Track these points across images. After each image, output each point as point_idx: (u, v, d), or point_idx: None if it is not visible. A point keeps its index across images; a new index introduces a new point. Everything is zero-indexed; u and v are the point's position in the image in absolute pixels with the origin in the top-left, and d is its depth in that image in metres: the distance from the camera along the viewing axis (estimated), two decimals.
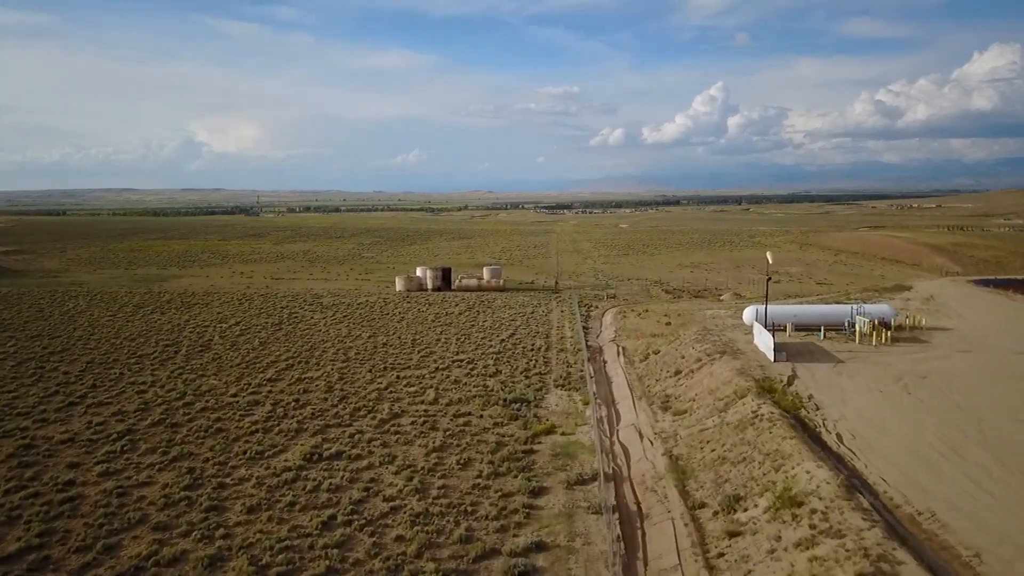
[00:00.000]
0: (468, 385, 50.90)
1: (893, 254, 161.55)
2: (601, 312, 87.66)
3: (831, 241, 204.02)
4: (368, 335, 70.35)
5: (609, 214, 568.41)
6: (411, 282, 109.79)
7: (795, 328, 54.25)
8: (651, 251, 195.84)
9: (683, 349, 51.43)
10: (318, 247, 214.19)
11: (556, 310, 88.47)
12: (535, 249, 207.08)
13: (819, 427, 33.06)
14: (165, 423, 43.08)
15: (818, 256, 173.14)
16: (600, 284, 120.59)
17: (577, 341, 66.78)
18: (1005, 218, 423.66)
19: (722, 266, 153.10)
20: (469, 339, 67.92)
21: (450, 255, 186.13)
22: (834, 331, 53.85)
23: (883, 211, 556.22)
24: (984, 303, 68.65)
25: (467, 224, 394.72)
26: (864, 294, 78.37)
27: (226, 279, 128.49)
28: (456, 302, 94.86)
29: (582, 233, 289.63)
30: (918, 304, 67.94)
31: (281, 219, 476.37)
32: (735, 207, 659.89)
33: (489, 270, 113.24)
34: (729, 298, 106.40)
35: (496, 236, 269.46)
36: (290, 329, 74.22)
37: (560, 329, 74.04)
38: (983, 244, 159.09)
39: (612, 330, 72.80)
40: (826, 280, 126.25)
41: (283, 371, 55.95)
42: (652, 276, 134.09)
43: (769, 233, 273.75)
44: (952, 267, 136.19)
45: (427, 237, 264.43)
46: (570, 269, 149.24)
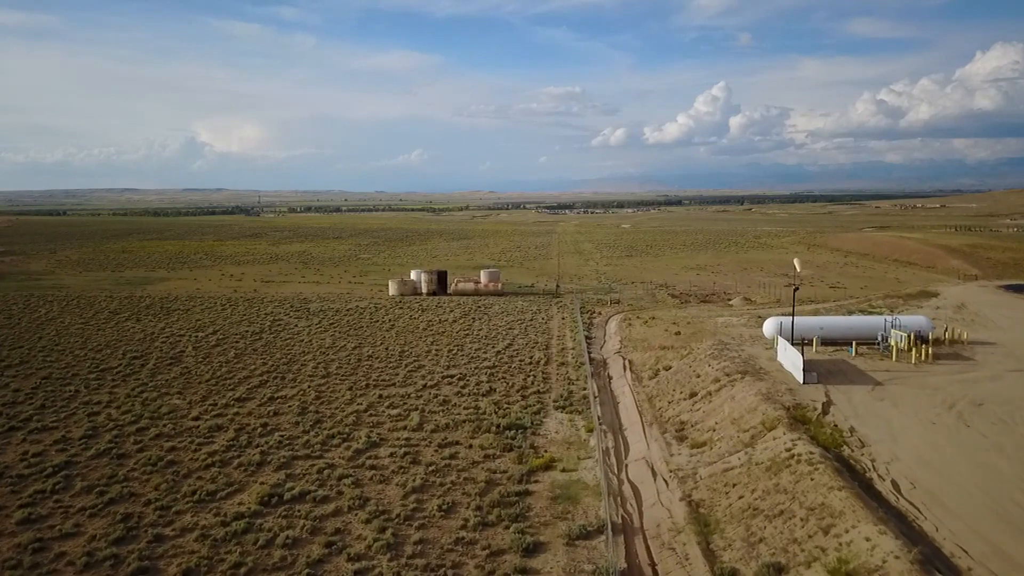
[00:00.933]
0: (458, 407, 45.60)
1: (905, 256, 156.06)
2: (604, 319, 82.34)
3: (839, 242, 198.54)
4: (353, 346, 65.07)
5: (611, 214, 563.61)
6: (405, 286, 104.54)
7: (821, 342, 49.00)
8: (655, 252, 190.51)
9: (698, 366, 46.16)
10: (314, 248, 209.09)
11: (557, 316, 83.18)
12: (536, 250, 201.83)
13: (869, 471, 27.79)
14: (111, 454, 37.83)
15: (827, 258, 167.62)
16: (603, 288, 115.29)
17: (579, 353, 61.48)
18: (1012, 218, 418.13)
19: (729, 268, 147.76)
20: (462, 351, 62.62)
21: (449, 256, 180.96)
22: (865, 346, 48.57)
23: (887, 211, 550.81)
24: (1022, 312, 63.33)
25: (468, 224, 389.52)
26: (888, 301, 73.07)
27: (214, 282, 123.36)
28: (451, 308, 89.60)
29: (584, 234, 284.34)
30: (950, 313, 62.60)
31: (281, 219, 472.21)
32: (737, 207, 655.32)
33: (487, 273, 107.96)
34: (739, 303, 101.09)
35: (497, 237, 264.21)
36: (271, 339, 68.97)
37: (561, 339, 68.76)
38: (999, 245, 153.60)
39: (617, 340, 67.51)
40: (839, 283, 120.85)
41: (255, 389, 50.67)
42: (657, 279, 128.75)
43: (774, 234, 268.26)
44: (969, 269, 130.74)
45: (426, 238, 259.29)
46: (572, 271, 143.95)
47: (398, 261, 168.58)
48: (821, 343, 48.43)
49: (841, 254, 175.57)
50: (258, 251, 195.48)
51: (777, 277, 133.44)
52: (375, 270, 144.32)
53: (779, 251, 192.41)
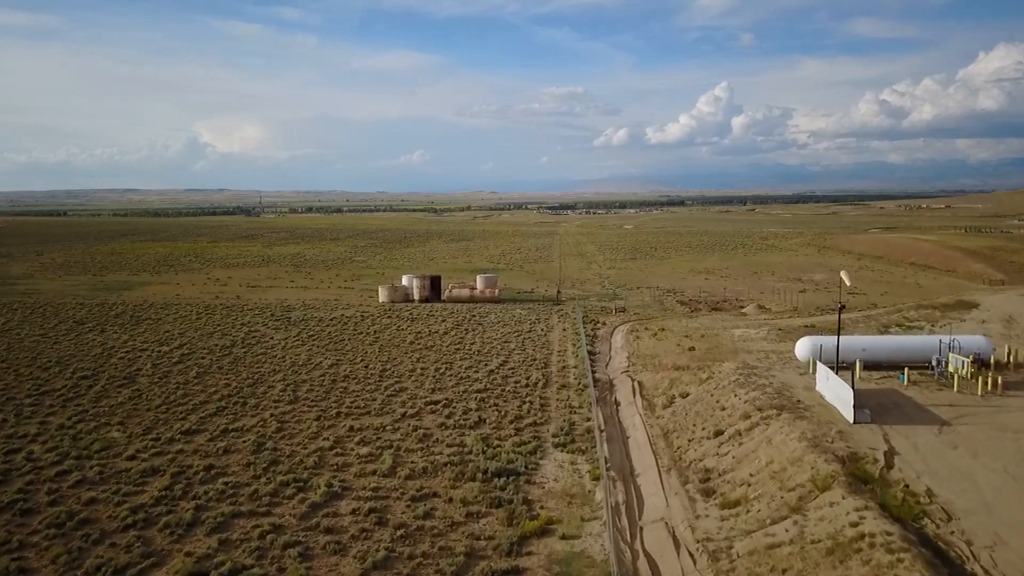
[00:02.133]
0: (440, 443, 38.90)
1: (922, 259, 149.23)
2: (610, 330, 75.62)
3: (851, 244, 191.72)
4: (330, 363, 58.36)
5: (613, 215, 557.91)
6: (396, 292, 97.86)
7: (864, 366, 42.24)
8: (660, 255, 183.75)
9: (721, 395, 39.46)
10: (309, 250, 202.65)
11: (558, 327, 76.46)
12: (536, 252, 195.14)
13: (968, 561, 21.12)
14: (14, 508, 31.18)
15: (840, 261, 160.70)
16: (607, 294, 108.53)
17: (582, 373, 54.74)
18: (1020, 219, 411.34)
19: (738, 272, 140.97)
20: (451, 370, 55.89)
21: (447, 259, 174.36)
22: (917, 371, 41.65)
23: (892, 212, 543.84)
24: None
25: (469, 225, 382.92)
26: (922, 312, 66.26)
27: (197, 287, 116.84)
28: (443, 317, 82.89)
29: (586, 235, 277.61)
30: (999, 328, 55.82)
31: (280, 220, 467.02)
32: (740, 208, 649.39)
33: (483, 279, 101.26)
34: (753, 311, 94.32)
35: (497, 238, 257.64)
36: (240, 354, 62.28)
37: (562, 354, 62.02)
38: (1022, 248, 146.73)
39: (624, 356, 60.79)
40: (857, 289, 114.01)
41: (209, 418, 43.99)
42: (663, 284, 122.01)
43: (782, 235, 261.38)
44: (994, 274, 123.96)
45: (425, 239, 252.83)
46: (573, 275, 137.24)
47: (394, 264, 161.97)
48: (863, 367, 41.68)
49: (854, 256, 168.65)
50: (251, 253, 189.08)
51: (790, 282, 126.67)
52: (368, 274, 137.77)
53: (789, 253, 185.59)
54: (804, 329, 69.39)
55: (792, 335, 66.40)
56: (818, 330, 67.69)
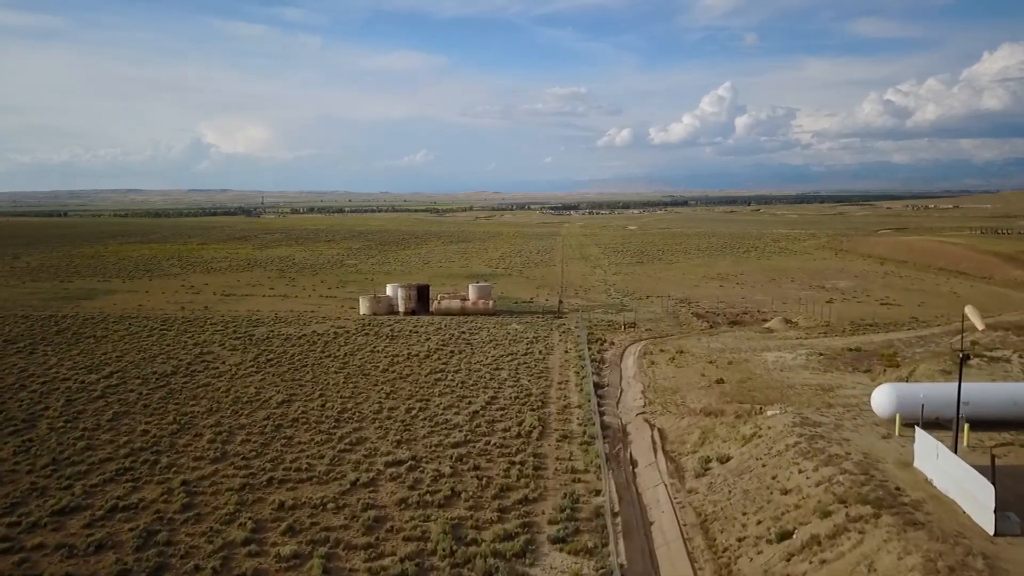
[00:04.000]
0: (395, 534, 28.49)
1: (952, 264, 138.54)
2: (619, 351, 65.18)
3: (870, 247, 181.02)
4: (282, 399, 47.96)
5: (616, 215, 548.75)
6: (378, 303, 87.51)
7: (968, 423, 31.41)
8: (668, 258, 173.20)
9: (778, 467, 28.98)
10: (300, 253, 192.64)
11: (559, 347, 66.04)
12: (538, 255, 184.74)
13: None
14: None
15: (863, 266, 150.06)
16: (614, 304, 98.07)
17: (588, 415, 44.30)
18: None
19: (754, 278, 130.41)
20: (426, 410, 45.47)
21: (442, 263, 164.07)
22: None
23: (900, 212, 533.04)
24: None
25: (470, 226, 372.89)
26: (994, 336, 55.57)
27: (167, 295, 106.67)
28: (428, 334, 72.52)
29: (589, 236, 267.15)
30: None
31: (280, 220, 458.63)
32: (744, 208, 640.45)
33: (476, 288, 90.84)
34: (779, 326, 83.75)
35: (497, 240, 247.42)
36: (178, 386, 51.95)
37: (563, 386, 51.57)
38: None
39: (638, 389, 50.36)
40: (889, 299, 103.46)
41: (101, 486, 33.63)
42: (675, 292, 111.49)
43: (793, 237, 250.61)
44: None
45: (423, 240, 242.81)
46: (577, 282, 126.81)
47: (385, 269, 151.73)
48: (968, 424, 31.09)
49: (875, 261, 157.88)
50: (238, 256, 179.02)
51: (812, 290, 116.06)
52: (356, 279, 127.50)
53: (804, 257, 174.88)
54: (849, 353, 58.93)
55: (837, 362, 55.91)
56: (868, 355, 57.26)
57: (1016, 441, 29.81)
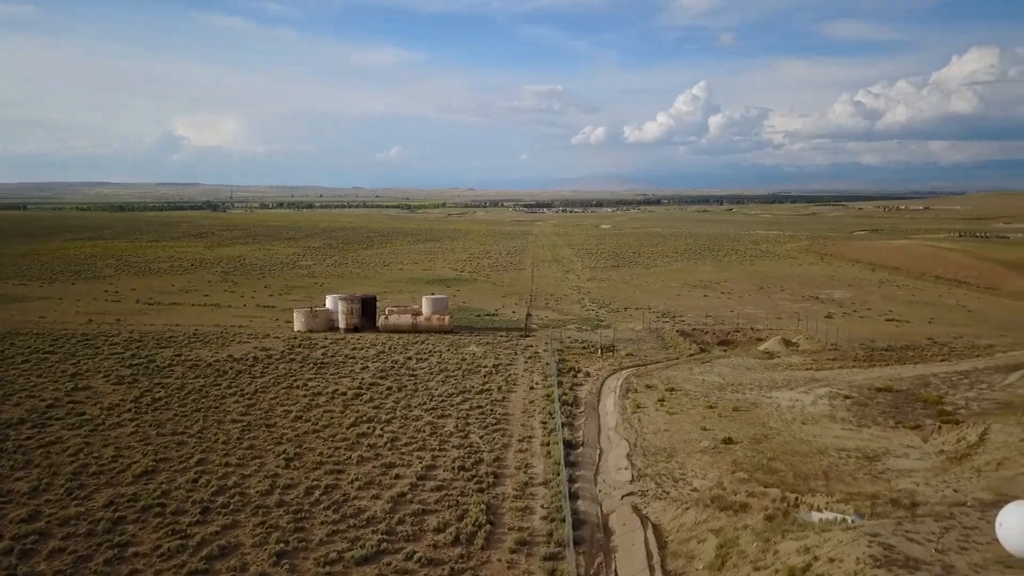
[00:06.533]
0: None
1: (952, 272, 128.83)
2: (596, 387, 53.44)
3: (858, 252, 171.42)
4: (141, 471, 35.37)
5: (590, 213, 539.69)
6: (315, 319, 75.00)
7: None
8: (645, 262, 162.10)
9: None
10: (255, 252, 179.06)
11: (523, 381, 54.13)
12: (507, 257, 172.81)
13: None
14: None
15: (854, 273, 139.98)
16: (589, 319, 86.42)
17: (555, 496, 32.46)
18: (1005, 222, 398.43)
19: (741, 287, 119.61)
20: (335, 490, 33.24)
21: (404, 265, 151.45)
22: None
23: (872, 213, 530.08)
24: None
25: (440, 223, 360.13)
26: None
27: (83, 303, 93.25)
28: (366, 360, 60.25)
29: (563, 236, 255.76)
30: None
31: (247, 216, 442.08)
32: (717, 207, 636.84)
33: (431, 302, 78.63)
34: (778, 348, 72.61)
35: (467, 239, 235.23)
36: (15, 444, 39.17)
37: (525, 447, 39.65)
38: None
39: (623, 451, 38.66)
40: (894, 314, 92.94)
41: None
42: (656, 303, 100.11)
43: (774, 239, 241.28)
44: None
45: (389, 239, 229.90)
46: (548, 288, 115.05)
47: (340, 271, 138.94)
48: None
49: (866, 267, 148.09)
50: (186, 256, 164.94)
51: (806, 301, 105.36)
52: (306, 285, 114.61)
53: (789, 262, 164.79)
54: (881, 395, 47.71)
55: (871, 409, 44.63)
56: (907, 399, 46.04)
57: None
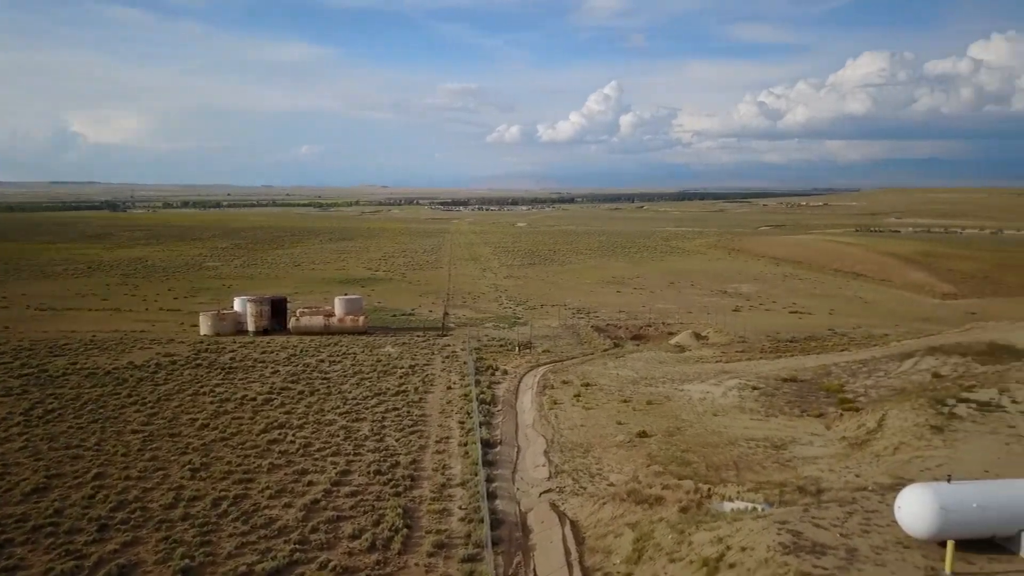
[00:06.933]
0: None
1: (851, 266, 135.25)
2: (514, 384, 53.44)
3: (763, 247, 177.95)
4: (37, 483, 33.17)
5: (506, 212, 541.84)
6: (223, 322, 72.39)
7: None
8: (561, 259, 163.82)
9: None
10: (158, 253, 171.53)
11: (441, 381, 53.60)
12: (424, 256, 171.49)
13: None
14: None
15: (760, 268, 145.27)
16: (507, 316, 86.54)
17: (473, 497, 32.13)
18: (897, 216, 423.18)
19: (653, 282, 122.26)
20: (244, 500, 31.89)
21: (316, 265, 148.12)
22: None
23: (775, 209, 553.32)
24: None
25: (354, 222, 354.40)
26: (947, 363, 47.21)
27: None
28: (277, 364, 58.45)
29: (479, 234, 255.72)
30: None
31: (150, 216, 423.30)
32: (629, 205, 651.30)
33: (344, 302, 77.08)
34: (690, 342, 74.44)
35: (382, 238, 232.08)
36: None
37: (443, 447, 39.18)
38: (955, 253, 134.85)
39: (540, 447, 38.71)
40: (798, 306, 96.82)
41: None
42: (572, 300, 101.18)
43: (684, 236, 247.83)
44: (938, 284, 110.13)
45: (300, 238, 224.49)
46: (466, 287, 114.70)
47: (249, 272, 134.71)
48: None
49: (771, 262, 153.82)
50: (83, 258, 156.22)
51: (715, 295, 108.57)
52: (212, 287, 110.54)
53: (699, 257, 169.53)
54: (787, 386, 49.40)
55: (777, 399, 46.13)
56: (811, 389, 47.76)
57: None
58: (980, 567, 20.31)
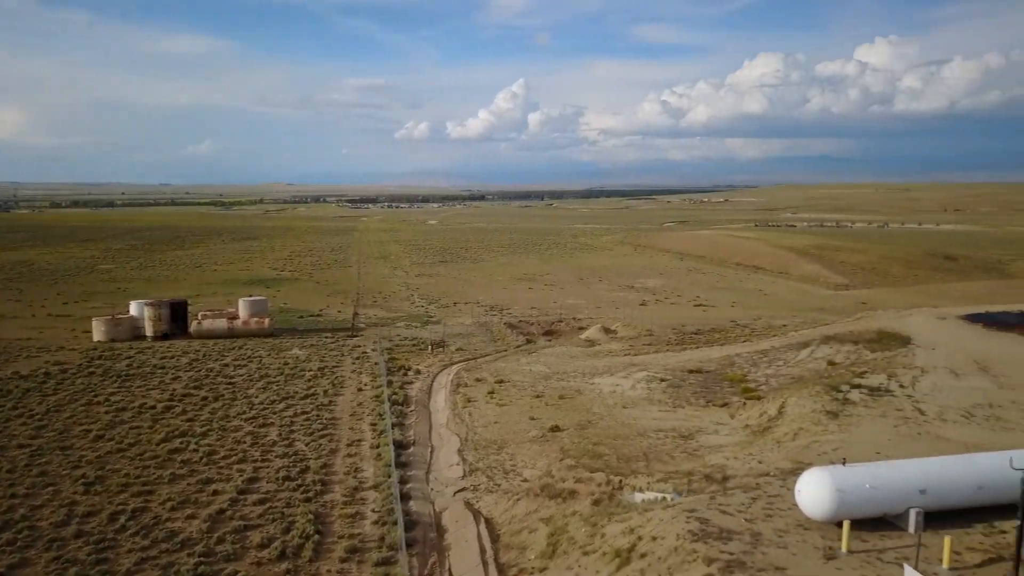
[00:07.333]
0: None
1: (750, 259, 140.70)
2: (427, 384, 53.04)
3: (668, 243, 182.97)
4: None
5: (416, 209, 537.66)
6: (118, 327, 68.93)
7: (925, 516, 22.41)
8: (473, 256, 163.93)
9: None
10: (45, 256, 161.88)
11: (351, 383, 52.64)
12: (332, 255, 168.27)
13: None
14: None
15: (665, 262, 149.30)
16: (419, 316, 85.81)
17: (387, 499, 31.68)
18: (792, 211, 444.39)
19: (564, 279, 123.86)
20: (144, 513, 30.46)
21: (219, 266, 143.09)
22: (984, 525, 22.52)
23: (679, 206, 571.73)
24: None
25: (259, 221, 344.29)
26: (841, 351, 49.66)
27: None
28: (178, 370, 56.05)
29: (389, 232, 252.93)
30: (983, 382, 39.58)
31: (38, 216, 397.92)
32: (539, 203, 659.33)
33: (248, 304, 74.73)
34: (599, 335, 75.72)
35: (288, 237, 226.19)
36: None
37: (355, 450, 38.48)
38: (845, 246, 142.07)
39: (454, 446, 38.57)
40: (702, 299, 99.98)
41: None
42: (484, 297, 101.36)
43: (593, 232, 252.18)
44: (831, 276, 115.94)
45: (202, 238, 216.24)
46: (376, 286, 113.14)
47: (146, 274, 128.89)
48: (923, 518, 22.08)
49: (675, 257, 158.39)
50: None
51: (623, 290, 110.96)
52: (107, 291, 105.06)
53: (607, 254, 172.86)
54: (692, 377, 50.83)
55: (684, 390, 47.41)
56: (716, 379, 49.28)
57: (995, 549, 21.36)
58: (873, 544, 21.39)
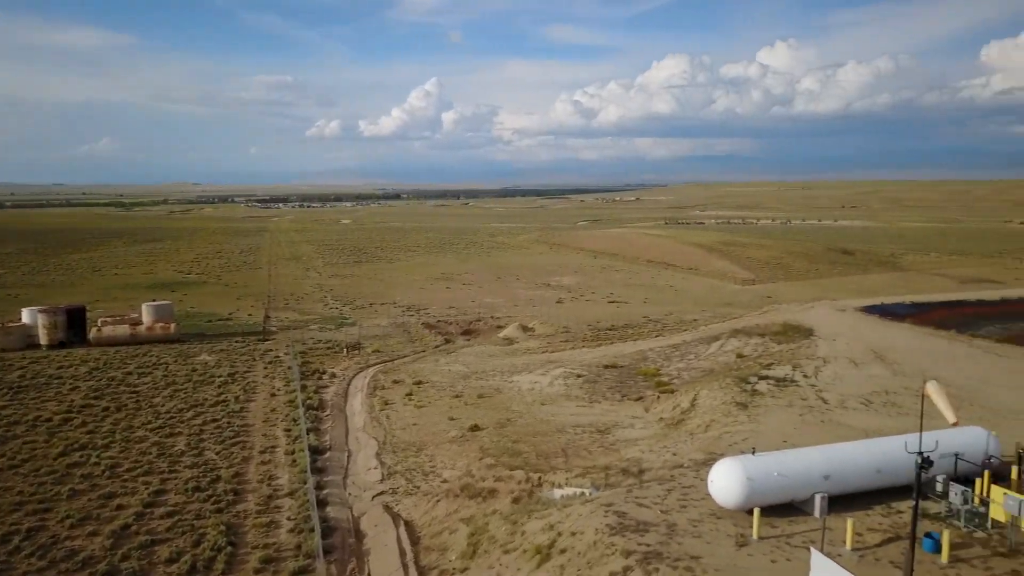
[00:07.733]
0: None
1: (661, 256, 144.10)
2: (343, 386, 52.11)
3: (582, 241, 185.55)
4: None
5: (329, 208, 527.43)
6: (9, 336, 64.95)
7: (829, 498, 23.32)
8: (388, 256, 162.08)
9: None
10: None
11: (264, 389, 51.15)
12: (242, 256, 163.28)
13: None
14: None
15: (580, 260, 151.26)
16: (334, 318, 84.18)
17: (303, 505, 30.90)
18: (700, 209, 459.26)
19: (481, 277, 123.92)
20: (40, 532, 28.81)
21: (120, 269, 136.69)
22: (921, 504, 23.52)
23: (592, 204, 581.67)
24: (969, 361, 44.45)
25: (162, 222, 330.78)
26: (749, 343, 51.46)
27: None
28: (76, 379, 53.19)
29: (301, 232, 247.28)
30: (880, 372, 41.71)
31: None
32: (455, 201, 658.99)
33: (152, 309, 71.67)
34: (517, 334, 76.17)
35: (195, 238, 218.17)
36: None
37: (268, 457, 37.41)
38: (749, 242, 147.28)
39: (372, 449, 38.04)
40: (616, 296, 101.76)
41: None
42: (401, 296, 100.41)
43: (509, 231, 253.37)
44: (738, 271, 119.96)
45: (101, 241, 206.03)
46: (288, 288, 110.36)
47: (40, 280, 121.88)
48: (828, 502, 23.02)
49: (590, 255, 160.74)
50: None
51: (540, 288, 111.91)
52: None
53: (523, 252, 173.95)
54: (608, 372, 51.69)
55: (600, 386, 48.14)
56: (630, 374, 50.24)
57: (893, 528, 22.47)
58: (782, 529, 22.21)
